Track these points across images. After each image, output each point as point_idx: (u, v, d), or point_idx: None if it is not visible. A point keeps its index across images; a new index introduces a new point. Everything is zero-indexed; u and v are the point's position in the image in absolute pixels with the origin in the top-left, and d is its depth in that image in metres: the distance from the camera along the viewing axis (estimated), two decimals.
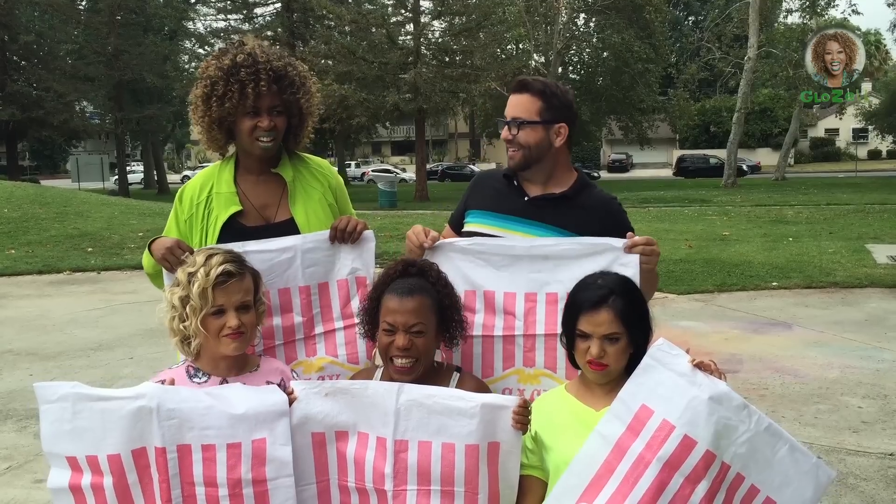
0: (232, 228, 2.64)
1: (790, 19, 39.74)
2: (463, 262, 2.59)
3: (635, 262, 2.44)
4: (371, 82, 31.46)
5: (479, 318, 2.55)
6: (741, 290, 9.85)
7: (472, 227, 2.75)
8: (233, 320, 2.25)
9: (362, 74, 30.85)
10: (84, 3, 41.86)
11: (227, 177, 2.71)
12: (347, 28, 33.92)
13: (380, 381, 2.36)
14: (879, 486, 4.29)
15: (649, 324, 2.24)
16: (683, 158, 52.61)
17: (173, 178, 54.91)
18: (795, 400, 5.73)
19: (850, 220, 17.85)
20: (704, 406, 1.98)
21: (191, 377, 2.32)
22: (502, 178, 2.76)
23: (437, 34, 34.51)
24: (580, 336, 2.18)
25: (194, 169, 59.87)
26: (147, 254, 2.59)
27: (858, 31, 37.16)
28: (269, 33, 34.62)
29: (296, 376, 2.49)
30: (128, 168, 45.79)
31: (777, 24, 40.74)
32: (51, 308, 9.39)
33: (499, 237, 2.65)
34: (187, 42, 40.75)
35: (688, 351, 2.10)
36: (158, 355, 6.83)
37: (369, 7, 34.97)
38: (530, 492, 2.22)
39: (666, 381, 2.03)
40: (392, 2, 34.63)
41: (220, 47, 2.80)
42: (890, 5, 44.33)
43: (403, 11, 33.76)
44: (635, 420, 2.03)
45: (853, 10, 41.54)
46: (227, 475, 2.10)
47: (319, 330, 2.66)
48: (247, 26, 36.92)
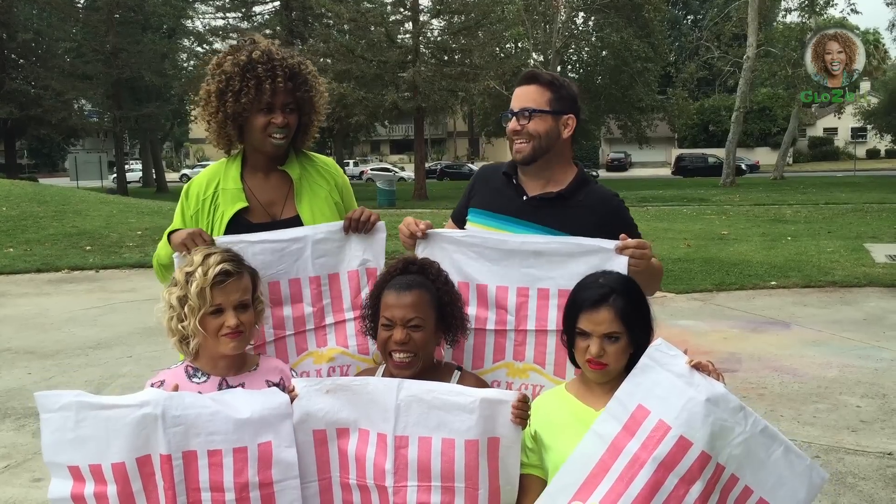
0: (237, 224, 2.65)
1: (789, 18, 39.83)
2: (457, 253, 2.61)
3: (623, 264, 2.44)
4: (370, 81, 31.45)
5: (472, 310, 2.57)
6: (740, 289, 9.86)
7: (471, 226, 2.77)
8: (231, 319, 2.25)
9: (361, 73, 30.84)
10: (82, 1, 41.80)
11: (234, 173, 2.73)
12: (346, 26, 33.91)
13: (379, 377, 2.36)
14: (878, 485, 4.29)
15: (651, 324, 2.24)
16: (682, 157, 52.62)
17: (172, 176, 54.83)
18: (794, 399, 5.74)
19: (849, 220, 17.87)
20: (701, 407, 1.98)
21: (190, 377, 2.32)
22: (502, 176, 2.76)
23: (436, 33, 34.52)
24: (580, 334, 2.18)
25: (193, 167, 59.79)
26: (164, 244, 2.60)
27: (857, 30, 37.23)
28: (268, 31, 34.56)
29: (295, 374, 2.49)
30: (126, 166, 45.71)
31: (776, 24, 40.79)
32: (49, 306, 9.38)
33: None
34: (186, 40, 40.71)
35: (685, 351, 2.10)
36: (157, 354, 6.83)
37: (368, 5, 34.91)
38: (530, 490, 2.22)
39: (663, 382, 2.03)
40: (391, 0, 34.62)
41: (231, 44, 2.80)
42: (889, 4, 44.42)
43: (402, 10, 33.76)
44: (631, 420, 2.03)
45: (852, 10, 41.18)
46: (234, 479, 2.10)
47: (330, 320, 2.67)
48: (245, 24, 36.88)
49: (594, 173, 51.80)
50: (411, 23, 33.06)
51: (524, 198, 2.68)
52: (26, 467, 4.64)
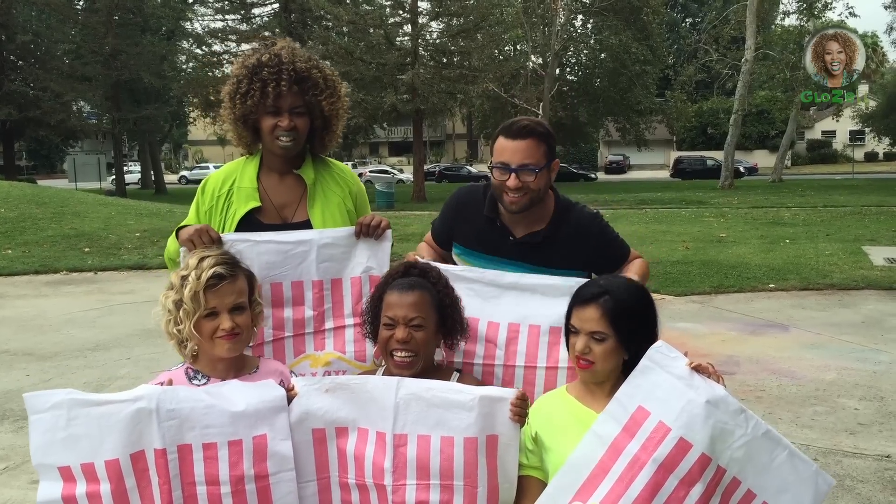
0: (249, 223, 2.68)
1: (787, 21, 39.83)
2: (454, 286, 2.61)
3: None
4: (369, 83, 31.45)
5: (461, 344, 2.56)
6: (738, 291, 9.86)
7: (462, 264, 2.80)
8: (226, 322, 2.25)
9: (360, 75, 30.83)
10: (81, 2, 41.74)
11: (251, 173, 2.76)
12: (345, 29, 33.89)
13: (378, 376, 2.37)
14: (876, 487, 4.29)
15: (652, 332, 2.21)
16: (681, 160, 52.67)
17: (170, 178, 54.81)
18: (792, 401, 5.74)
19: (847, 222, 17.87)
20: (701, 409, 1.98)
21: (190, 379, 2.32)
22: (484, 220, 2.75)
23: (435, 35, 34.53)
24: (572, 331, 2.22)
25: (192, 169, 59.78)
26: (172, 239, 2.62)
27: (855, 33, 37.22)
28: (267, 33, 34.54)
29: (294, 377, 2.49)
30: (125, 168, 45.66)
31: (774, 27, 40.82)
32: (47, 308, 9.37)
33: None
34: (185, 42, 40.58)
35: (686, 354, 2.10)
36: (156, 356, 6.82)
37: (367, 8, 34.91)
38: (530, 492, 2.22)
39: (663, 384, 2.03)
40: (390, 2, 34.63)
41: (254, 46, 2.83)
42: (887, 8, 44.52)
43: (401, 12, 33.76)
44: (631, 421, 2.03)
45: (850, 13, 41.47)
46: (230, 472, 2.10)
47: (330, 325, 2.69)
48: (244, 27, 36.81)
49: (592, 176, 51.89)
50: (410, 25, 33.06)
51: (511, 239, 2.71)
52: (24, 469, 4.64)
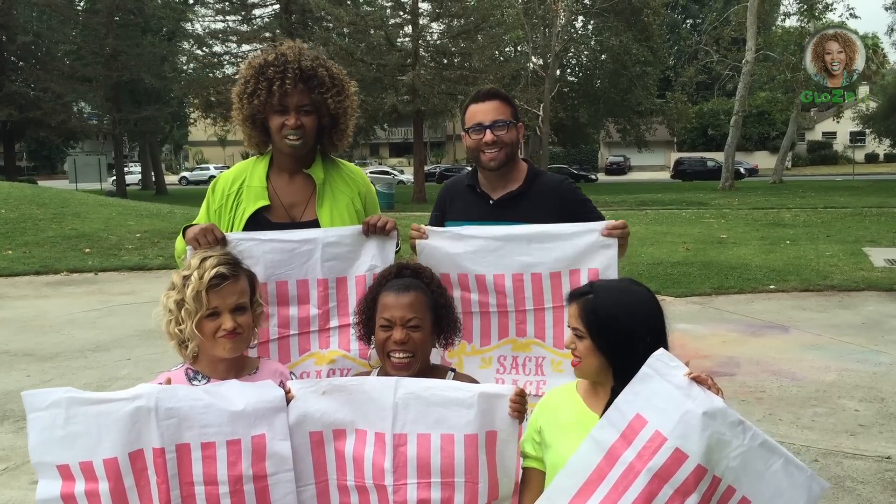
0: (257, 222, 2.70)
1: (788, 23, 39.82)
2: (455, 248, 2.82)
3: (614, 242, 2.75)
4: (369, 84, 31.44)
5: (475, 296, 2.84)
6: (738, 292, 9.87)
7: None
8: (228, 322, 2.25)
9: (360, 76, 30.80)
10: (82, 3, 41.80)
11: (261, 172, 2.77)
12: (346, 30, 33.90)
13: (376, 377, 2.38)
14: (876, 489, 4.29)
15: (637, 344, 2.07)
16: (681, 161, 52.68)
17: (171, 179, 54.82)
18: (793, 403, 5.74)
19: (848, 224, 17.88)
20: (698, 421, 1.96)
21: (190, 380, 2.32)
22: (466, 189, 3.06)
23: (436, 36, 34.54)
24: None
25: (192, 170, 59.78)
26: (180, 238, 2.63)
27: (855, 34, 37.20)
28: (268, 34, 34.56)
29: (294, 377, 2.50)
30: (125, 169, 45.67)
31: (774, 28, 40.81)
32: (48, 309, 9.38)
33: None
34: (185, 43, 40.52)
35: (688, 363, 2.08)
36: (156, 356, 6.83)
37: (368, 9, 34.93)
38: (533, 483, 2.22)
39: (662, 392, 2.01)
40: (390, 3, 34.64)
41: (265, 47, 2.87)
42: (887, 9, 44.51)
43: (402, 13, 33.77)
44: (629, 429, 2.02)
45: (851, 14, 41.40)
46: (228, 472, 2.09)
47: (334, 323, 2.70)
48: (245, 27, 36.81)
49: (592, 176, 51.89)
50: (411, 26, 33.06)
51: (490, 202, 2.98)
52: (25, 469, 4.64)
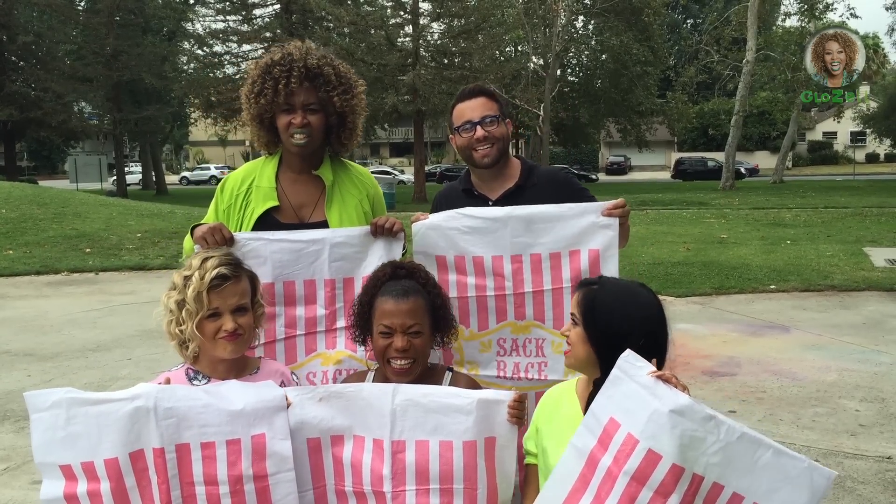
0: (266, 223, 2.70)
1: (788, 23, 39.80)
2: (452, 231, 2.79)
3: (615, 222, 2.71)
4: (370, 84, 31.29)
5: (472, 279, 2.78)
6: (739, 292, 9.87)
7: None
8: (228, 323, 2.24)
9: (361, 76, 30.48)
10: (83, 3, 41.78)
11: (270, 172, 2.77)
12: (346, 29, 33.89)
13: (373, 383, 2.37)
14: (877, 489, 4.29)
15: (625, 349, 2.03)
16: (681, 161, 52.67)
17: (171, 179, 54.81)
18: (793, 403, 5.74)
19: (848, 224, 17.87)
20: (666, 419, 1.91)
21: (190, 380, 2.32)
22: (462, 194, 2.99)
23: (436, 36, 34.53)
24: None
25: (193, 170, 59.77)
26: (188, 237, 2.64)
27: (856, 34, 37.20)
28: (268, 34, 34.55)
29: (296, 378, 2.50)
30: (126, 169, 45.67)
31: (775, 28, 40.78)
32: (49, 309, 9.38)
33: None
34: (186, 43, 40.50)
35: (654, 362, 2.06)
36: (157, 356, 6.83)
37: (368, 9, 34.89)
38: (535, 481, 2.22)
39: (631, 394, 1.97)
40: (391, 3, 34.62)
41: (274, 48, 2.85)
42: (888, 9, 44.48)
43: (402, 13, 33.77)
44: (604, 433, 2.00)
45: (851, 14, 41.36)
46: (228, 472, 2.09)
47: (341, 324, 2.70)
48: (246, 27, 36.80)
49: (593, 176, 51.87)
50: (411, 26, 33.06)
51: (490, 203, 2.90)
52: (25, 469, 4.64)
